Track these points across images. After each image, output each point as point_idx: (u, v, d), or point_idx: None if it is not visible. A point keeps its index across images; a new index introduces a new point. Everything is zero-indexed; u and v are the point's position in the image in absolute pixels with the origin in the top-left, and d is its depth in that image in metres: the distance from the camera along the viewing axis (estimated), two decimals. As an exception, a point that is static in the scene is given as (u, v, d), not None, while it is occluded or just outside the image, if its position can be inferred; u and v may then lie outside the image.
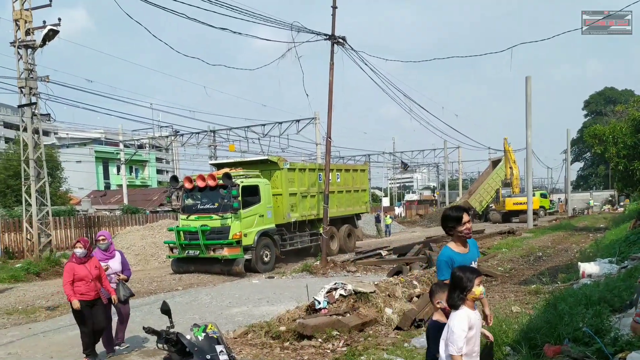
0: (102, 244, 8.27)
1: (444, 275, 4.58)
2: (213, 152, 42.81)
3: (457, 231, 4.72)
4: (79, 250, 7.48)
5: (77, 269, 7.41)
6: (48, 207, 21.36)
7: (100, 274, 7.66)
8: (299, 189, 20.63)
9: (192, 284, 16.08)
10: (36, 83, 20.43)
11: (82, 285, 7.39)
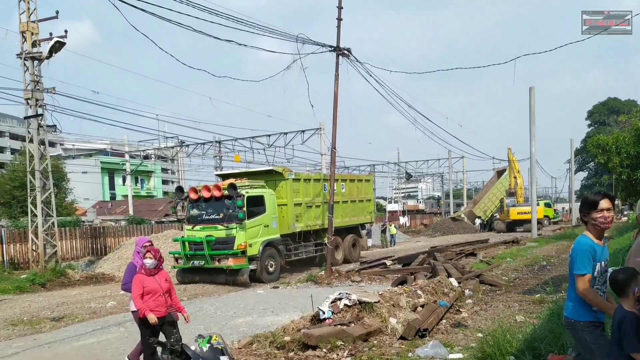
0: None
1: (585, 268, 4.11)
2: (218, 162, 42.90)
3: (591, 218, 4.22)
4: (149, 261, 6.79)
5: (146, 281, 6.71)
6: (54, 218, 21.41)
7: (170, 288, 6.95)
8: (303, 199, 20.64)
9: (197, 294, 16.08)
10: (42, 95, 20.53)
11: (151, 300, 6.66)
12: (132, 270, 7.23)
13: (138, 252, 7.40)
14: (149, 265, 6.76)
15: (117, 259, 23.35)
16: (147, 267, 6.77)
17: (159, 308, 6.63)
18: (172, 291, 6.96)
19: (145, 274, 6.75)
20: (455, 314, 10.58)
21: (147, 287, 6.66)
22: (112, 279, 21.45)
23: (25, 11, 20.05)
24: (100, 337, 10.25)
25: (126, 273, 7.37)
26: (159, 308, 6.63)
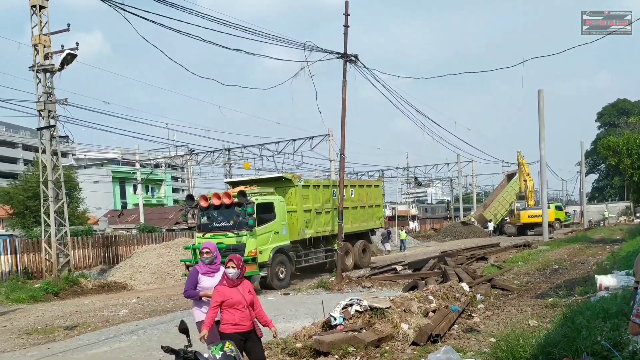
0: (207, 258, 6.89)
1: None
2: (228, 170, 43.02)
3: None
4: (232, 270, 6.10)
5: (228, 292, 6.02)
6: (66, 227, 21.54)
7: (254, 300, 6.26)
8: (313, 206, 20.63)
9: (209, 301, 16.07)
10: (55, 106, 20.71)
11: (235, 313, 5.96)
12: (194, 276, 6.82)
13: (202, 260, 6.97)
14: (232, 276, 6.07)
15: (128, 267, 23.44)
16: (229, 277, 6.08)
17: (243, 322, 6.00)
18: (256, 303, 6.26)
19: (227, 285, 6.07)
20: (467, 319, 10.50)
21: (229, 299, 5.97)
22: (124, 287, 21.54)
23: (38, 24, 20.25)
24: (113, 345, 10.26)
25: (188, 279, 6.92)
26: (243, 322, 6.00)
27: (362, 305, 9.21)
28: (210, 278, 6.77)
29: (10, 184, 43.63)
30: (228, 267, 6.11)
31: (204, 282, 6.72)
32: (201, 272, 6.78)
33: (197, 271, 6.78)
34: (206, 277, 6.78)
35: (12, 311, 16.00)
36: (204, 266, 6.88)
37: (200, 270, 6.81)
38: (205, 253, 6.87)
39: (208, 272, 6.84)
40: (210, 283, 6.63)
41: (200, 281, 6.75)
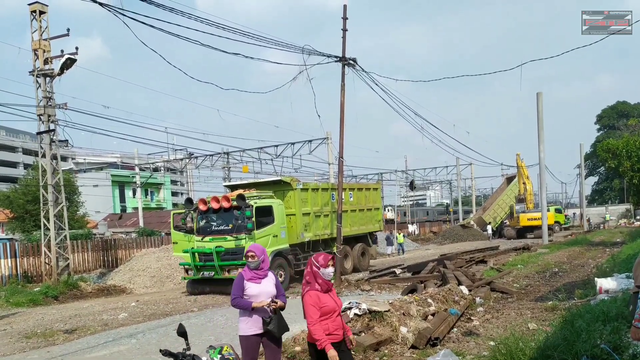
0: (253, 262, 6.03)
1: None
2: (227, 173, 43.02)
3: None
4: (330, 270, 5.30)
5: (323, 298, 5.20)
6: (66, 231, 21.54)
7: None
8: (312, 209, 20.61)
9: (208, 305, 16.05)
10: (54, 110, 20.73)
11: (328, 322, 5.19)
12: (240, 282, 6.03)
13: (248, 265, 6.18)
14: (328, 276, 5.27)
15: (128, 271, 23.42)
16: (325, 278, 5.25)
17: (337, 331, 5.24)
18: None
19: (321, 290, 5.22)
20: (467, 322, 10.49)
21: (325, 306, 5.15)
22: (123, 290, 21.52)
23: (38, 29, 20.29)
24: (113, 349, 10.24)
25: (234, 287, 6.06)
26: (337, 331, 5.24)
27: (361, 308, 9.20)
28: (257, 285, 6.00)
29: (10, 188, 43.67)
30: (328, 267, 5.27)
31: (250, 289, 5.95)
32: (246, 278, 6.01)
33: (243, 277, 6.03)
34: (252, 283, 6.00)
35: (11, 315, 15.97)
36: (249, 271, 6.07)
37: (246, 276, 6.03)
38: (250, 257, 6.04)
39: (254, 277, 6.03)
40: (257, 290, 5.96)
41: (246, 288, 5.95)
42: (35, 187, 29.15)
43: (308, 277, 5.28)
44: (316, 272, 5.21)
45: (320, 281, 5.19)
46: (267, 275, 6.10)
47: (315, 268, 5.23)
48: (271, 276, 6.15)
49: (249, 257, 6.02)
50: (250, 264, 6.03)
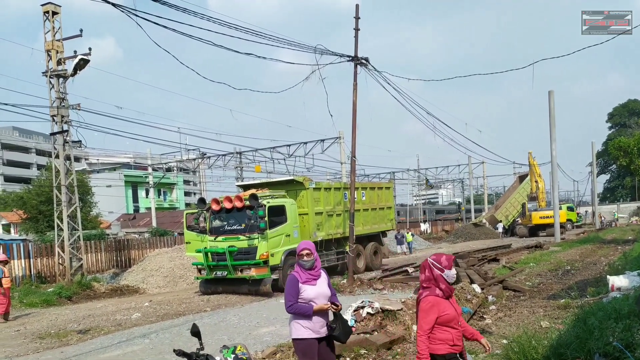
0: (308, 261, 5.46)
1: None
2: (239, 173, 43.15)
3: None
4: (454, 272, 4.67)
5: (442, 305, 4.55)
6: (79, 231, 21.67)
7: None
8: (324, 208, 20.62)
9: (221, 304, 16.12)
10: (68, 111, 20.84)
11: (450, 332, 4.54)
12: (294, 285, 5.42)
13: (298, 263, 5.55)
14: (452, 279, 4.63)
15: (141, 271, 23.54)
16: (448, 281, 4.61)
17: (458, 341, 4.62)
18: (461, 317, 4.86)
19: (443, 296, 4.58)
20: (479, 321, 10.47)
21: (445, 314, 4.51)
22: (136, 290, 21.65)
23: (51, 30, 20.42)
24: (126, 349, 10.31)
25: (287, 291, 5.46)
26: (458, 341, 4.62)
27: (373, 307, 9.21)
28: (313, 287, 5.41)
29: (24, 189, 43.99)
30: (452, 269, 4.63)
31: (307, 292, 5.37)
32: (302, 281, 5.40)
33: (297, 279, 5.41)
34: (308, 285, 5.41)
35: (25, 315, 16.12)
36: (303, 272, 5.46)
37: (301, 278, 5.41)
38: (306, 255, 5.46)
39: (309, 279, 5.43)
40: (314, 292, 5.38)
41: (302, 291, 5.37)
42: (49, 187, 29.40)
43: (426, 283, 4.62)
44: (438, 276, 4.56)
45: (443, 286, 4.55)
46: (321, 274, 5.56)
47: (437, 271, 4.57)
48: (324, 275, 5.60)
49: (303, 255, 5.46)
50: (305, 264, 5.45)
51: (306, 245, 5.49)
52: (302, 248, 5.47)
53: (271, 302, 15.78)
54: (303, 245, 5.52)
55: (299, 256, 5.48)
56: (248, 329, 11.40)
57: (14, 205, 46.11)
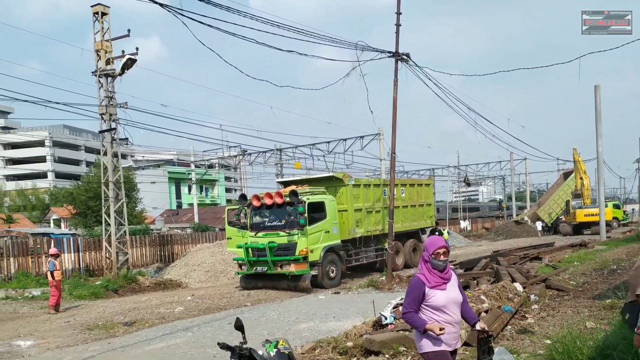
0: (443, 262, 4.53)
1: None
2: (279, 170, 43.39)
3: None
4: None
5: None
6: (125, 226, 22.15)
7: None
8: (364, 205, 20.53)
9: (260, 299, 16.23)
10: (115, 109, 21.31)
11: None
12: (418, 289, 4.49)
13: (426, 261, 4.58)
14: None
15: (183, 266, 23.89)
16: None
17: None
18: None
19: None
20: (521, 320, 10.25)
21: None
22: (179, 285, 21.97)
23: (100, 31, 20.86)
24: (169, 341, 10.46)
25: (408, 295, 4.57)
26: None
27: (413, 304, 9.10)
28: (443, 292, 4.48)
29: (74, 185, 45.22)
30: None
31: (436, 297, 4.45)
32: (430, 285, 4.46)
33: (423, 283, 4.48)
34: (438, 290, 4.47)
35: (74, 307, 16.56)
36: (432, 275, 4.50)
37: (429, 282, 4.47)
38: (443, 254, 4.51)
39: (439, 283, 4.48)
40: (444, 299, 4.46)
41: (430, 297, 4.45)
42: (97, 184, 30.09)
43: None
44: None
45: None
46: (451, 277, 4.61)
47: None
48: (454, 277, 4.67)
49: (440, 254, 4.51)
50: (440, 265, 4.50)
51: (442, 243, 4.55)
52: (439, 246, 4.50)
53: (310, 298, 15.80)
54: (438, 242, 4.56)
55: (434, 255, 4.49)
56: (287, 324, 11.43)
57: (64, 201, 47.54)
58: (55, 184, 69.19)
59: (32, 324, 13.86)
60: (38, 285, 19.73)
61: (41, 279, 20.14)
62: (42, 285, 19.23)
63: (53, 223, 52.80)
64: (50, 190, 67.02)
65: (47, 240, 22.74)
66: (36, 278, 20.66)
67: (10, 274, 20.90)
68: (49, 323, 13.87)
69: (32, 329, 13.06)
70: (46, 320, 14.30)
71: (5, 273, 20.82)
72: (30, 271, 21.37)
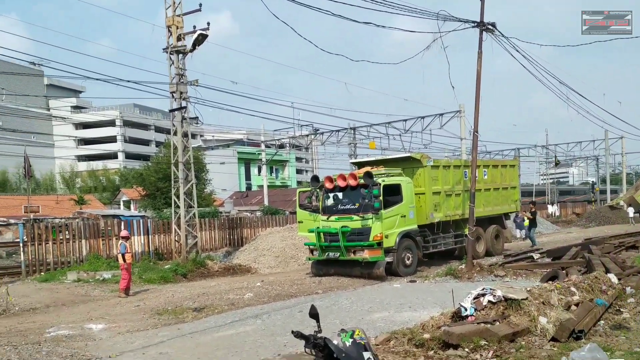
0: None
1: None
2: (353, 150, 43.37)
3: None
4: None
5: None
6: (195, 209, 22.70)
7: None
8: (442, 188, 20.22)
9: (332, 287, 16.34)
10: (186, 87, 21.74)
11: None
12: None
13: None
14: None
15: (253, 250, 24.33)
16: None
17: None
18: None
19: None
20: (615, 315, 9.87)
21: None
22: (248, 270, 22.40)
23: (171, 5, 21.30)
24: (239, 328, 10.73)
25: None
26: None
27: (495, 295, 8.93)
28: None
29: (143, 166, 46.84)
30: None
31: None
32: None
33: None
34: None
35: (144, 291, 17.25)
36: None
37: None
38: None
39: None
40: None
41: None
42: (167, 164, 31.04)
43: None
44: None
45: None
46: None
47: None
48: None
49: None
50: None
51: None
52: None
53: (384, 286, 15.80)
54: None
55: None
56: (360, 314, 11.48)
57: (133, 182, 49.38)
58: (125, 165, 71.98)
59: (103, 307, 14.55)
60: (109, 268, 20.57)
61: (112, 261, 20.99)
62: (113, 268, 20.07)
63: (123, 205, 55.06)
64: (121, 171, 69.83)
65: (118, 223, 23.71)
66: (107, 261, 21.55)
67: (82, 256, 21.93)
68: (120, 307, 14.51)
69: (104, 312, 13.72)
70: (117, 304, 14.96)
71: (77, 255, 21.87)
72: (101, 253, 22.35)
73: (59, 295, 16.83)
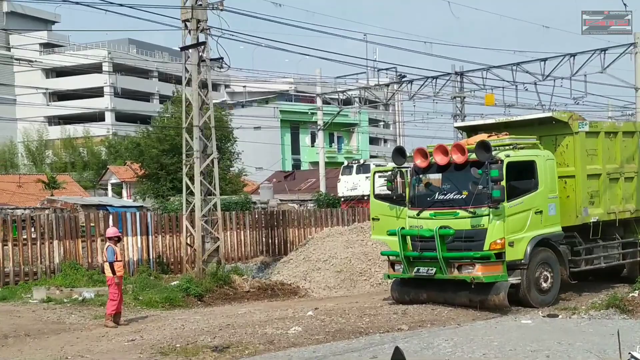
0: None
1: None
2: (459, 108, 42.94)
3: None
4: None
5: None
6: (216, 197, 22.51)
7: None
8: (604, 167, 19.68)
9: (424, 320, 16.13)
10: (205, 13, 21.43)
11: None
12: None
13: None
14: None
15: (302, 261, 24.24)
16: None
17: None
18: None
19: None
20: None
21: None
22: (294, 291, 22.35)
23: None
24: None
25: None
26: None
27: None
28: None
29: (141, 132, 46.69)
30: None
31: None
32: None
33: None
34: None
35: (142, 318, 17.44)
36: None
37: None
38: None
39: None
40: None
41: None
42: (175, 130, 31.26)
43: None
44: None
45: None
46: None
47: None
48: None
49: None
50: None
51: None
52: None
53: (507, 323, 15.54)
54: None
55: None
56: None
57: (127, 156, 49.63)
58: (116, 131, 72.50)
59: (83, 341, 14.70)
60: (91, 283, 20.95)
61: (95, 273, 21.40)
62: (97, 284, 20.43)
63: (112, 189, 56.09)
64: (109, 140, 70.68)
65: (104, 216, 24.00)
66: (88, 272, 21.97)
67: (54, 264, 22.40)
68: (106, 341, 14.60)
69: (83, 349, 13.82)
70: (102, 337, 15.07)
71: (46, 263, 22.34)
72: (80, 261, 22.79)
73: (21, 322, 17.12)
